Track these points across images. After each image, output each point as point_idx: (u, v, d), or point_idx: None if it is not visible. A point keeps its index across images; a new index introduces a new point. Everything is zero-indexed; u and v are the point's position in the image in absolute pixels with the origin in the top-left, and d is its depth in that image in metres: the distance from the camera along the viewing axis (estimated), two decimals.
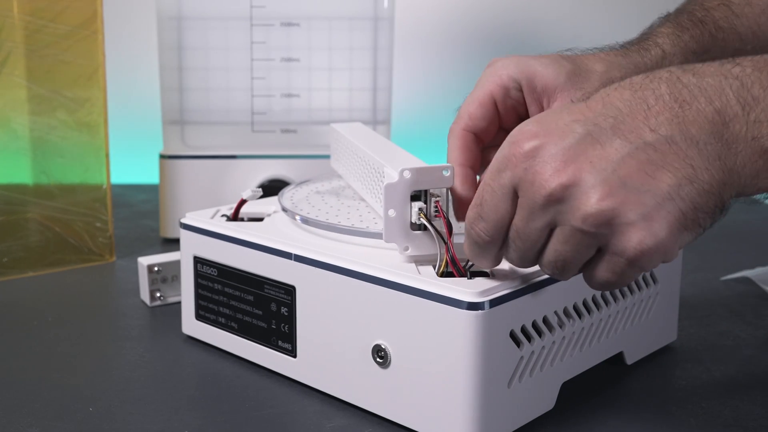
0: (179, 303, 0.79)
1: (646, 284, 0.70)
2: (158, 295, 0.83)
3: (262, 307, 0.67)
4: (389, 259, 0.60)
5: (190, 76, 1.08)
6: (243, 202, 0.73)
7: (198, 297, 0.73)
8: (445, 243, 0.57)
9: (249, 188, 0.73)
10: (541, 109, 0.65)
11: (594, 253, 0.50)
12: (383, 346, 0.58)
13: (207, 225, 0.72)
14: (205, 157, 1.06)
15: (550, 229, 0.50)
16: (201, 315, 0.73)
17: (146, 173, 1.38)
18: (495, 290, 0.55)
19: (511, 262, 0.53)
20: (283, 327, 0.65)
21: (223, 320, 0.71)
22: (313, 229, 0.67)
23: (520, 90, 0.64)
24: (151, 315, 0.81)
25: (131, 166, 1.39)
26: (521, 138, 0.50)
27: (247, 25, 1.07)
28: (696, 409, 0.63)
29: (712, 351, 0.74)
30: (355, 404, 0.62)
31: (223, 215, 0.74)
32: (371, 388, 0.60)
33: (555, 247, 0.50)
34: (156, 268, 0.82)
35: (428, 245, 0.59)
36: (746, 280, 0.93)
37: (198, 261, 0.72)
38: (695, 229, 0.48)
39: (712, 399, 0.65)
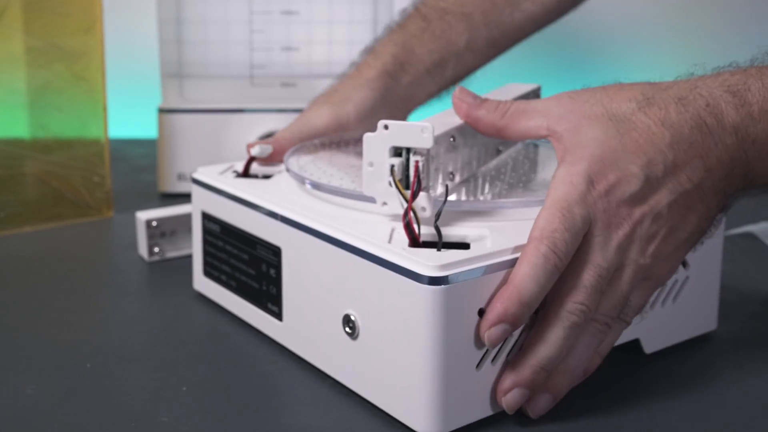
0: (177, 258, 0.78)
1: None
2: (156, 250, 0.82)
3: (255, 267, 0.66)
4: (372, 225, 0.57)
5: (188, 29, 1.06)
6: (252, 159, 0.71)
7: (205, 253, 0.72)
8: (403, 206, 0.54)
9: (258, 145, 0.71)
10: None
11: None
12: (352, 318, 0.56)
13: (211, 180, 0.70)
14: (204, 111, 1.05)
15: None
16: (208, 272, 0.72)
17: (144, 127, 1.37)
18: (463, 264, 0.51)
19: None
20: (272, 289, 0.64)
21: (224, 278, 0.70)
22: (314, 192, 0.65)
23: None
24: (149, 270, 0.81)
25: (129, 119, 1.38)
26: (599, 170, 0.53)
27: None
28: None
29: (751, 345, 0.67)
30: (331, 375, 0.60)
31: (234, 171, 0.72)
32: (343, 359, 0.58)
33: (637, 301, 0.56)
34: (154, 223, 0.82)
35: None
36: (750, 236, 0.92)
37: (205, 217, 0.71)
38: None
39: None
